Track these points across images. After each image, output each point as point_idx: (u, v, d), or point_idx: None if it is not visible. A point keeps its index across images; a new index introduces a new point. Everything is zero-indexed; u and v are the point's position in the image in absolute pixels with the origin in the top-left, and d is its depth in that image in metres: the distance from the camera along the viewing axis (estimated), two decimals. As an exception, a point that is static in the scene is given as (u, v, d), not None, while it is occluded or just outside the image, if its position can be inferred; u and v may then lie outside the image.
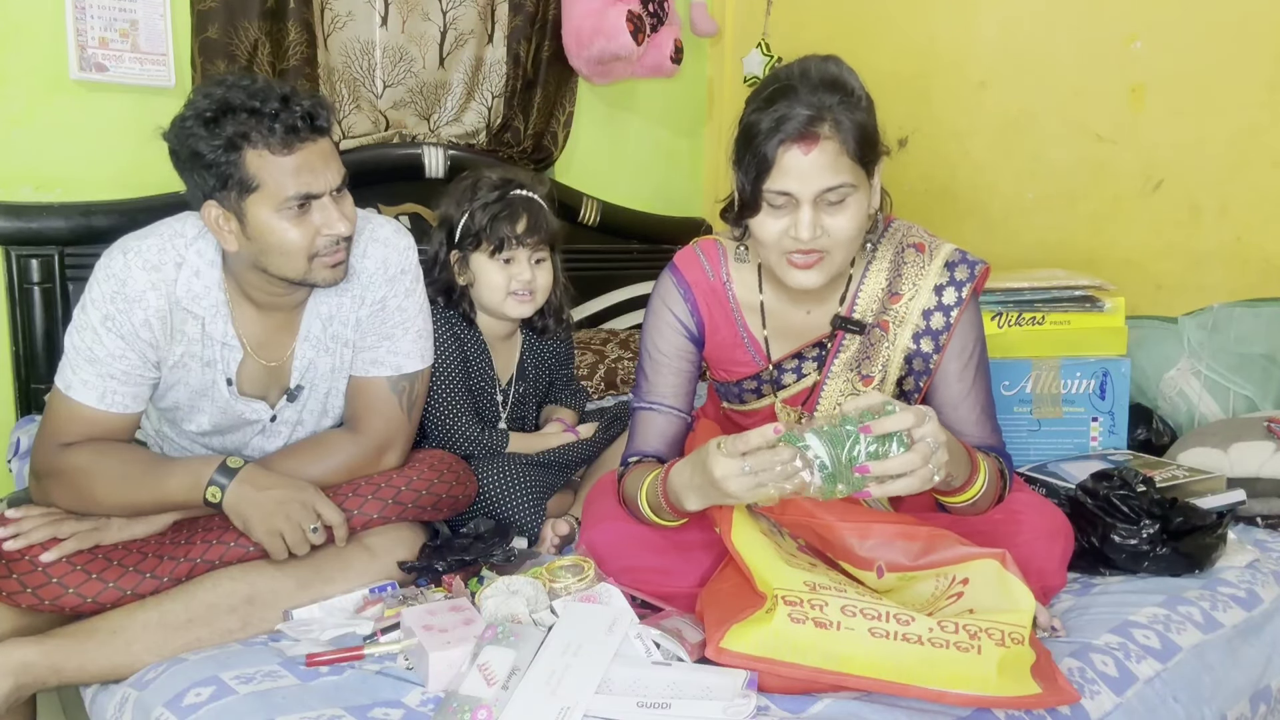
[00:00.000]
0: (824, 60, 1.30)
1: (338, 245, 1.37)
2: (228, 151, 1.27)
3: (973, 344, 1.43)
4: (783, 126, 1.23)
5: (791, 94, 1.24)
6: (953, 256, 1.43)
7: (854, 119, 1.25)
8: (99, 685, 1.24)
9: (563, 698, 1.03)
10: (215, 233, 1.35)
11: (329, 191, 1.34)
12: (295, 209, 1.32)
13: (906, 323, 1.41)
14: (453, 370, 1.72)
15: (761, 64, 3.01)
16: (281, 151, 1.28)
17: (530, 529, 1.61)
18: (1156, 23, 2.24)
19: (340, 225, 1.35)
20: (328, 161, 1.34)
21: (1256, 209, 2.13)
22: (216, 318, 1.41)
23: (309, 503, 1.35)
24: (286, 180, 1.29)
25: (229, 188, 1.29)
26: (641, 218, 3.01)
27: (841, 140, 1.24)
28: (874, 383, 1.44)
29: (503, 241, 1.70)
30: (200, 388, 1.45)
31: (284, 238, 1.32)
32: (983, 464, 1.31)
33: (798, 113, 1.23)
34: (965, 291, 1.41)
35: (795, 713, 1.07)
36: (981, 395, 1.43)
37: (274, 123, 1.27)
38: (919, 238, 1.45)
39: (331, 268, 1.38)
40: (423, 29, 2.55)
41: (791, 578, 1.13)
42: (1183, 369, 2.17)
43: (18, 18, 1.99)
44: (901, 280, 1.42)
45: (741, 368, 1.49)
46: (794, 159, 1.24)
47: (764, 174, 1.25)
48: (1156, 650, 1.28)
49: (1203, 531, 1.51)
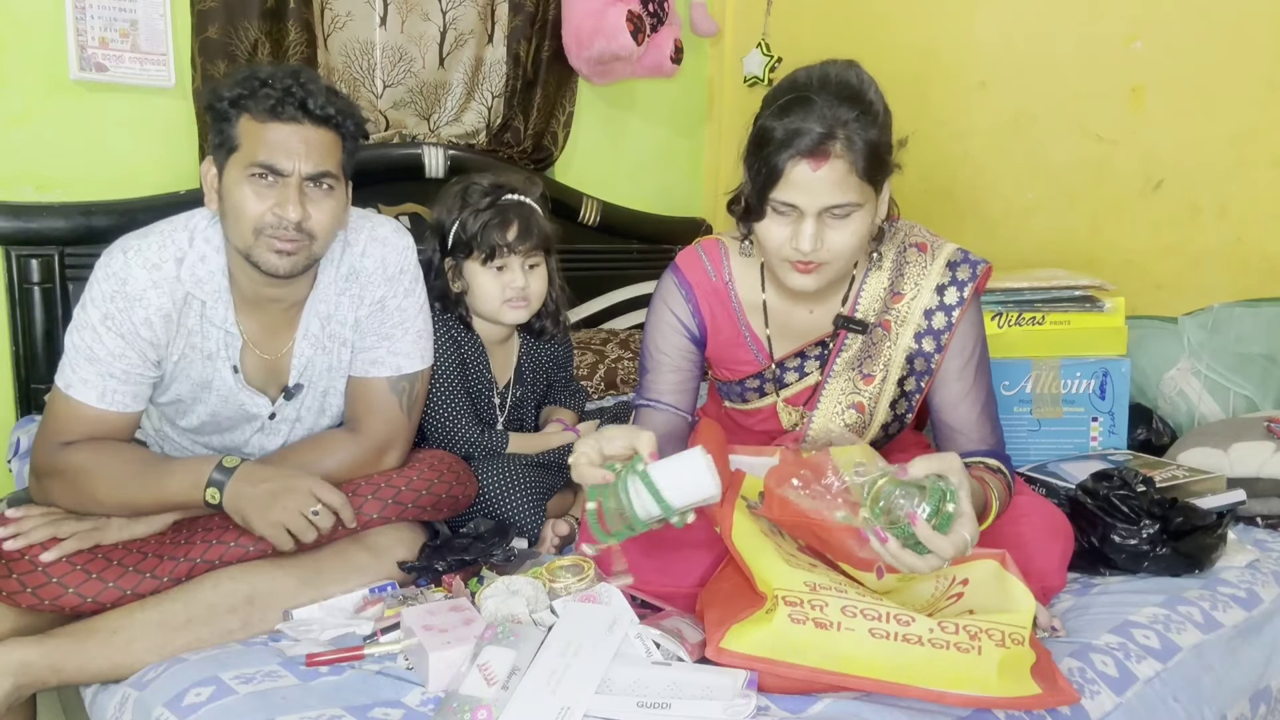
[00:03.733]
0: (846, 68, 1.29)
1: (285, 230, 1.34)
2: (231, 109, 1.34)
3: (974, 343, 1.43)
4: (794, 141, 1.23)
5: (808, 106, 1.24)
6: (955, 256, 1.43)
7: (866, 138, 1.24)
8: (99, 685, 1.24)
9: (562, 698, 1.03)
10: (205, 191, 1.41)
11: (298, 176, 1.34)
12: (260, 179, 1.34)
13: (909, 322, 1.42)
14: (451, 372, 1.72)
15: (761, 64, 3.01)
16: (264, 118, 1.33)
17: (530, 529, 1.61)
18: (1156, 23, 2.24)
19: (290, 210, 1.33)
20: (309, 149, 1.34)
21: (1256, 209, 2.13)
22: (218, 303, 1.42)
23: (306, 489, 1.34)
24: (257, 147, 1.33)
25: (222, 146, 1.36)
26: (641, 218, 3.01)
27: (852, 160, 1.24)
28: (875, 381, 1.44)
29: (494, 250, 1.69)
30: (202, 380, 1.45)
31: (240, 203, 1.34)
32: (994, 499, 1.30)
33: (811, 128, 1.22)
34: (967, 291, 1.41)
35: (795, 713, 1.07)
36: (982, 394, 1.43)
37: (269, 91, 1.32)
38: (921, 237, 1.46)
39: (276, 253, 1.35)
40: (422, 29, 2.55)
41: (792, 578, 1.13)
42: (1183, 369, 2.17)
43: (18, 18, 1.99)
44: (904, 280, 1.43)
45: (744, 366, 1.49)
46: (802, 174, 1.24)
47: (771, 184, 1.26)
48: (1156, 650, 1.28)
49: (1203, 531, 1.51)
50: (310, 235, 1.37)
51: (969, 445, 1.41)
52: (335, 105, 1.36)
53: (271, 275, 1.38)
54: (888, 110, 1.30)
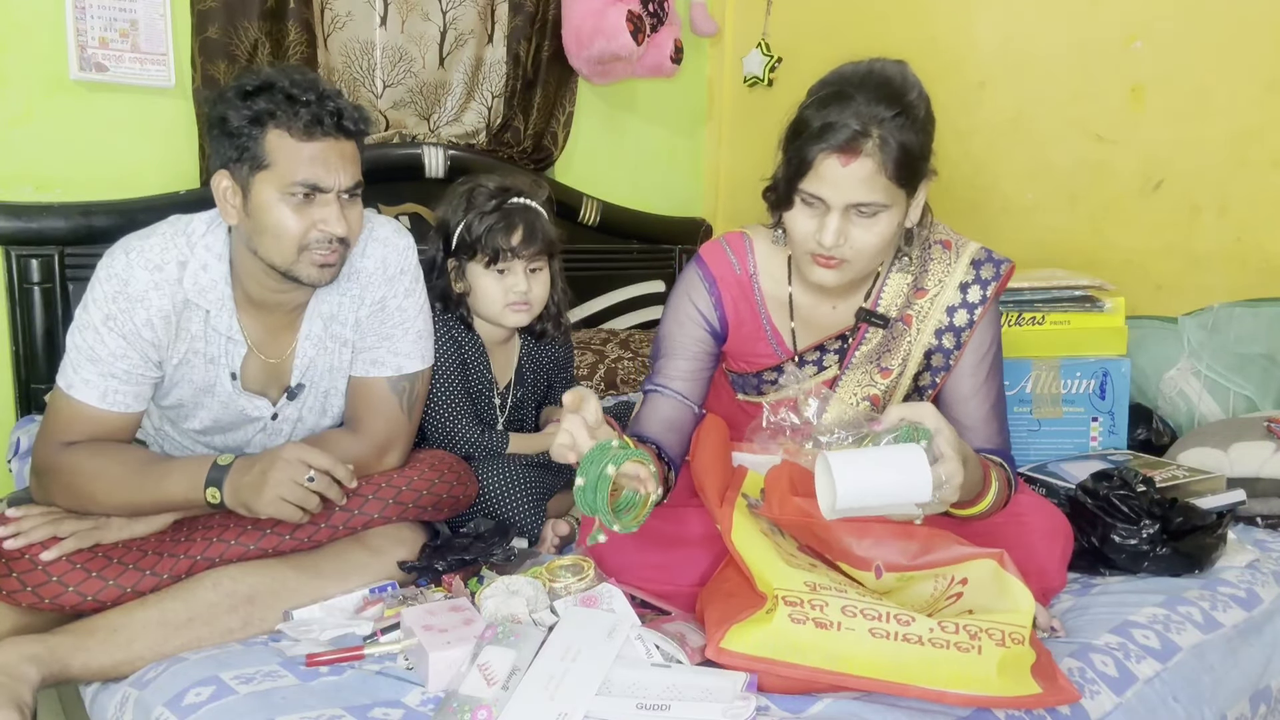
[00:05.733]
0: (893, 66, 1.30)
1: (330, 245, 1.37)
2: (252, 125, 1.32)
3: (991, 341, 1.45)
4: (826, 135, 1.24)
5: (846, 101, 1.24)
6: (979, 254, 1.45)
7: (901, 140, 1.24)
8: (99, 684, 1.24)
9: (561, 703, 1.03)
10: (219, 204, 1.37)
11: (337, 191, 1.35)
12: (299, 197, 1.33)
13: (931, 318, 1.43)
14: (452, 372, 1.72)
15: (761, 64, 3.01)
16: (301, 137, 1.32)
17: (530, 529, 1.61)
18: (1156, 23, 2.24)
19: (337, 226, 1.35)
20: (345, 163, 1.36)
21: (1256, 209, 2.13)
22: (221, 311, 1.42)
23: (294, 457, 1.32)
24: (298, 166, 1.32)
25: (244, 160, 1.33)
26: (641, 218, 3.01)
27: (882, 161, 1.24)
28: (892, 375, 1.45)
29: (498, 253, 1.69)
30: (203, 385, 1.45)
31: (280, 222, 1.34)
32: (994, 477, 1.31)
33: (845, 124, 1.23)
34: (990, 290, 1.42)
35: (795, 713, 1.07)
36: (993, 393, 1.44)
37: (303, 109, 1.31)
38: (945, 234, 1.47)
39: (320, 266, 1.37)
40: (422, 29, 2.56)
41: (792, 578, 1.13)
42: (1183, 369, 2.17)
43: (18, 18, 1.99)
44: (927, 276, 1.44)
45: (763, 359, 1.50)
46: (831, 168, 1.25)
47: (801, 174, 1.27)
48: (1156, 650, 1.28)
49: (1203, 531, 1.51)
50: (347, 244, 1.40)
51: (975, 442, 1.42)
52: (359, 116, 1.38)
53: (312, 286, 1.41)
54: (930, 115, 1.31)
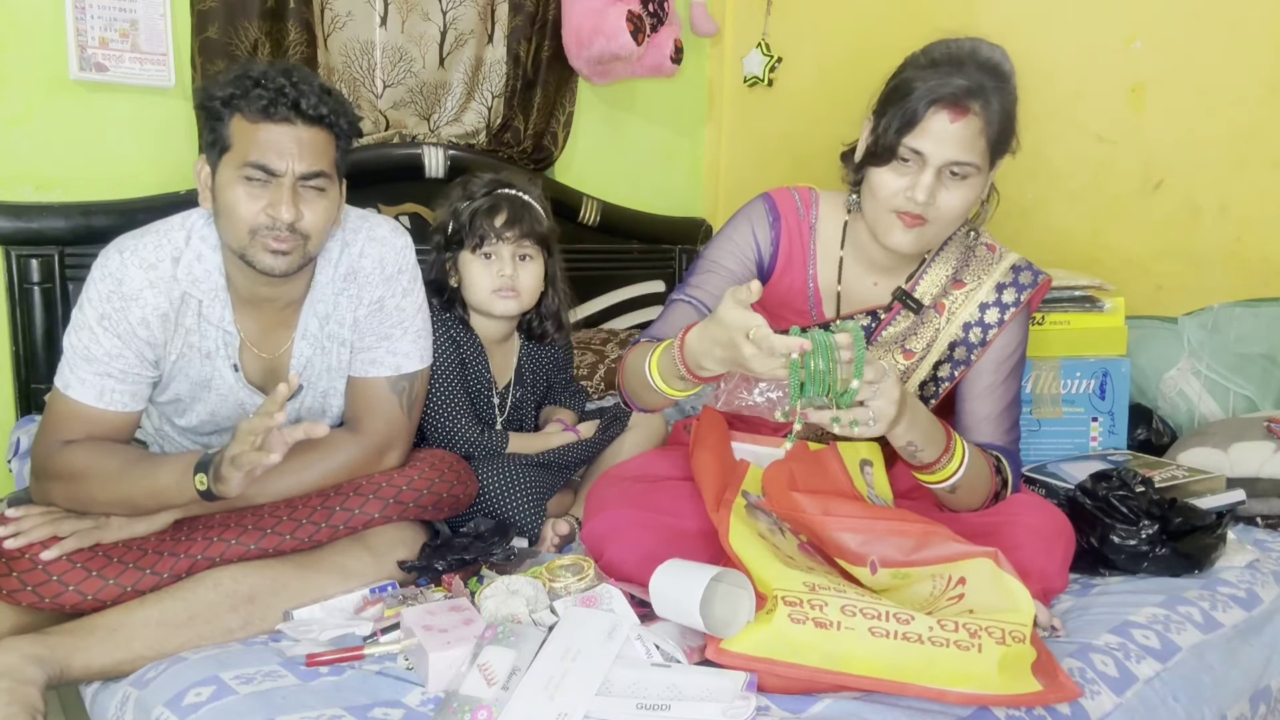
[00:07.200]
0: (993, 48, 1.39)
1: (279, 231, 1.34)
2: (223, 108, 1.34)
3: (1016, 346, 1.48)
4: (939, 91, 1.31)
5: (959, 65, 1.34)
6: (1020, 262, 1.51)
7: (1004, 104, 1.34)
8: (99, 684, 1.24)
9: (561, 703, 1.03)
10: (199, 189, 1.41)
11: (291, 176, 1.34)
12: (253, 181, 1.34)
13: (963, 310, 1.47)
14: (451, 372, 1.72)
15: (761, 64, 3.01)
16: (256, 118, 1.33)
17: (530, 529, 1.61)
18: (1156, 23, 2.24)
19: (286, 212, 1.33)
20: (301, 149, 1.34)
21: (1256, 209, 2.13)
22: (215, 302, 1.42)
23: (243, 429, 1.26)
24: (250, 148, 1.33)
25: (215, 145, 1.36)
26: (641, 218, 3.01)
27: (986, 121, 1.32)
28: (914, 358, 1.48)
29: (483, 236, 1.72)
30: (201, 379, 1.45)
31: (232, 203, 1.35)
32: (960, 445, 1.33)
33: (957, 82, 1.32)
34: (1024, 296, 1.48)
35: (795, 713, 1.06)
36: (1006, 397, 1.47)
37: (260, 91, 1.32)
38: (990, 240, 1.53)
39: (272, 253, 1.35)
40: (422, 29, 2.55)
41: (791, 578, 1.13)
42: (1183, 369, 2.17)
43: (18, 18, 1.99)
44: (968, 270, 1.49)
45: (794, 318, 1.52)
46: (940, 123, 1.31)
47: (907, 128, 1.32)
48: (1156, 650, 1.28)
49: (1202, 531, 1.51)
50: (304, 235, 1.37)
51: (980, 438, 1.43)
52: (328, 105, 1.36)
53: (267, 274, 1.38)
54: (1016, 98, 1.40)
